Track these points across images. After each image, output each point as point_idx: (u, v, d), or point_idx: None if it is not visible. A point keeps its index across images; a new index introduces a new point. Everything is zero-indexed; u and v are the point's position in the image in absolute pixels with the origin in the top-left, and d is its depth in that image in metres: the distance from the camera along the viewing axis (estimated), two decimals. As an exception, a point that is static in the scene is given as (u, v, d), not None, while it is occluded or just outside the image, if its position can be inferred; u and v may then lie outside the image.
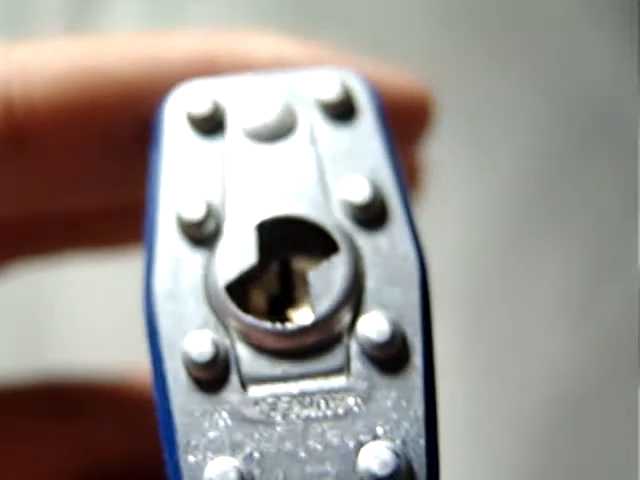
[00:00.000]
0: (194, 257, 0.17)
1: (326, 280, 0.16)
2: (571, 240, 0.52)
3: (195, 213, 0.17)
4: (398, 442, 0.15)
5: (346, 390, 0.16)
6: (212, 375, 0.16)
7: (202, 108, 0.18)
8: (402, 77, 0.20)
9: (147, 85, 0.19)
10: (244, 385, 0.16)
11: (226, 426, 0.16)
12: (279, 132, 0.18)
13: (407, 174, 0.21)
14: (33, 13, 0.50)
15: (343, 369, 0.16)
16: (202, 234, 0.17)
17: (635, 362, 0.47)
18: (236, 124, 0.18)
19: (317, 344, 0.16)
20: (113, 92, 0.19)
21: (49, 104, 0.19)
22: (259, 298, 0.17)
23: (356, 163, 0.17)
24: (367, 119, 0.18)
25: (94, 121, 0.19)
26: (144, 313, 0.17)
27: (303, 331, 0.16)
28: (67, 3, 0.51)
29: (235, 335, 0.16)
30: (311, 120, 0.18)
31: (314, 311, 0.16)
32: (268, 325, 0.16)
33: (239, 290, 0.16)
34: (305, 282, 0.16)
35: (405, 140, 0.20)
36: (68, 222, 0.22)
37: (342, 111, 0.18)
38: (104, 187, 0.20)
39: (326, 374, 0.16)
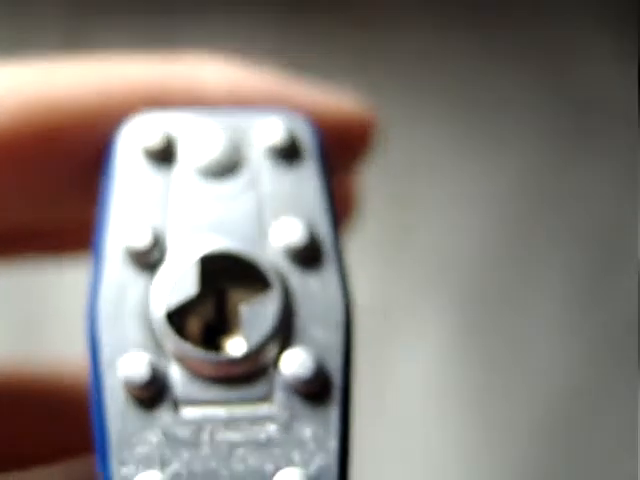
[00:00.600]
0: (138, 282, 0.18)
1: (257, 315, 0.18)
2: (571, 241, 0.53)
3: (141, 241, 0.18)
4: (312, 470, 0.17)
5: (269, 418, 0.17)
6: (147, 394, 0.17)
7: (154, 141, 0.19)
8: (344, 101, 0.22)
9: (98, 114, 0.20)
10: (177, 406, 0.17)
11: (158, 443, 0.17)
12: (224, 171, 0.19)
13: (343, 201, 0.22)
14: (31, 27, 0.50)
15: (267, 398, 0.17)
16: (147, 261, 0.18)
17: (635, 362, 0.48)
18: (185, 159, 0.19)
19: (246, 374, 0.18)
20: (62, 122, 0.20)
21: (1, 131, 0.20)
22: (195, 325, 0.18)
23: (294, 206, 0.19)
24: (309, 164, 0.19)
25: (44, 149, 0.20)
26: (87, 331, 0.18)
27: (234, 361, 0.17)
28: (65, 17, 0.51)
29: (171, 358, 0.18)
30: (255, 162, 0.19)
31: (245, 343, 0.18)
32: (202, 353, 0.17)
33: (177, 316, 0.18)
34: (238, 314, 0.18)
35: (344, 165, 0.22)
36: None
37: (286, 155, 0.19)
38: (54, 209, 0.21)
39: (252, 402, 0.18)
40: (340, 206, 0.19)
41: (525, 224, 0.54)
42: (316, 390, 0.18)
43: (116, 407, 0.17)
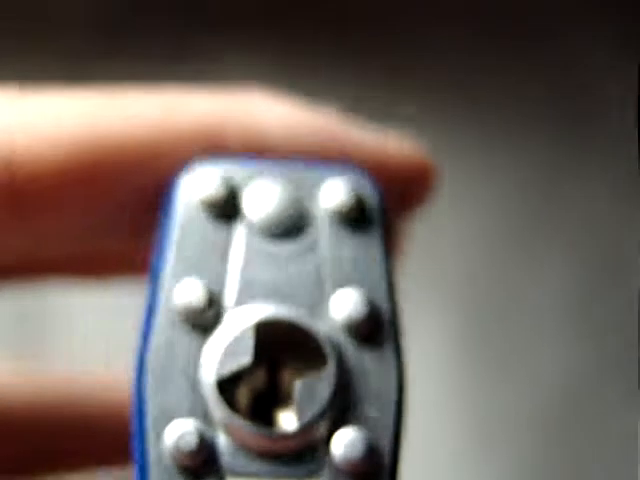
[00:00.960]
0: (189, 344, 0.17)
1: (311, 391, 0.17)
2: (572, 242, 0.53)
3: (196, 300, 0.17)
4: None
5: None
6: (193, 464, 0.17)
7: (216, 194, 0.18)
8: (403, 146, 0.21)
9: (153, 152, 0.19)
10: (222, 476, 0.17)
11: None
12: (286, 230, 0.18)
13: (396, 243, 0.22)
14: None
15: (315, 477, 0.17)
16: (200, 322, 0.18)
17: (635, 363, 0.48)
18: (246, 215, 0.18)
19: (295, 450, 0.17)
20: (118, 160, 0.19)
21: (52, 170, 0.19)
22: (246, 395, 0.18)
23: (357, 276, 0.18)
24: (373, 231, 0.18)
25: (97, 187, 0.19)
26: (134, 389, 0.17)
27: (283, 437, 0.17)
28: (67, 59, 0.50)
29: (219, 427, 0.17)
30: (319, 224, 0.18)
31: (297, 418, 0.17)
32: (252, 426, 0.17)
33: (228, 384, 0.17)
34: (291, 386, 0.17)
35: (402, 210, 0.21)
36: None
37: (351, 221, 0.18)
38: (97, 243, 0.21)
39: (299, 479, 0.17)
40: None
41: (525, 225, 0.53)
42: (365, 472, 0.17)
43: (160, 473, 0.17)
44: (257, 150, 0.20)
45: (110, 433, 0.23)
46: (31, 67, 0.52)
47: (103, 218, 0.20)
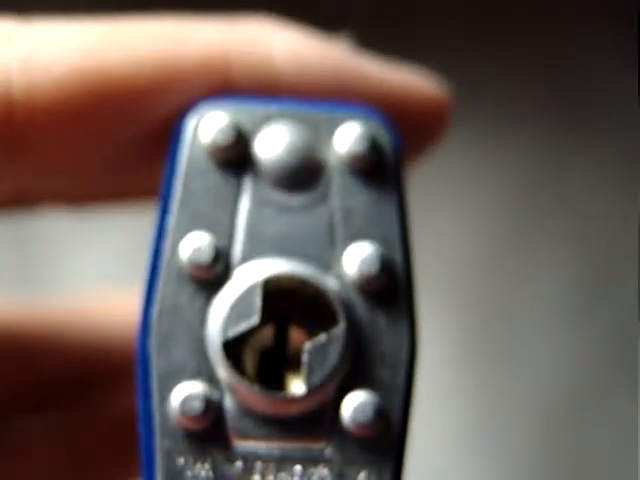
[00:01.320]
0: (195, 301, 0.17)
1: (321, 353, 0.17)
2: (572, 241, 0.52)
3: (202, 255, 0.17)
4: None
5: (322, 461, 0.17)
6: (199, 426, 0.16)
7: (224, 140, 0.17)
8: (419, 78, 0.20)
9: (157, 84, 0.18)
10: (228, 439, 0.17)
11: (207, 477, 0.16)
12: (299, 180, 0.17)
13: None
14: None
15: (323, 440, 0.17)
16: (206, 279, 0.17)
17: (635, 363, 0.48)
18: (256, 163, 0.17)
19: (303, 413, 0.17)
20: (120, 93, 0.18)
21: (51, 104, 0.17)
22: (252, 354, 0.17)
23: (371, 230, 0.17)
24: (389, 181, 0.17)
25: (100, 122, 0.18)
26: (138, 347, 0.17)
27: (291, 400, 0.17)
28: None
29: (225, 389, 0.17)
30: (333, 173, 0.17)
31: (306, 381, 0.17)
32: (259, 390, 0.16)
33: (234, 344, 0.17)
34: (299, 346, 0.17)
35: (415, 150, 0.20)
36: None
37: (366, 169, 0.17)
38: (108, 183, 0.20)
39: (307, 442, 0.17)
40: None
41: (526, 225, 0.53)
42: (374, 436, 0.17)
43: (166, 435, 0.16)
44: (264, 82, 0.18)
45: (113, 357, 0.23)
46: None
47: (105, 154, 0.19)
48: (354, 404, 0.17)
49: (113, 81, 0.18)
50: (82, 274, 0.48)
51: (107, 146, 0.19)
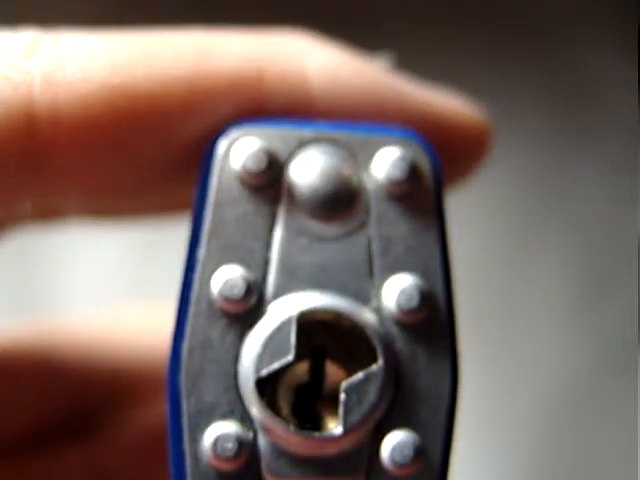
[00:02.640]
0: (227, 336, 0.16)
1: (359, 392, 0.16)
2: (572, 241, 0.51)
3: (234, 289, 0.16)
4: None
5: None
6: (232, 468, 0.16)
7: (256, 167, 0.16)
8: (459, 102, 0.19)
9: (187, 103, 0.17)
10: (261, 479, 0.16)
11: None
12: (335, 208, 0.16)
13: None
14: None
15: None
16: (238, 312, 0.16)
17: (635, 363, 0.47)
18: (290, 191, 0.16)
19: (340, 453, 0.16)
20: (147, 112, 0.17)
21: (75, 121, 0.17)
22: (287, 390, 0.16)
23: (409, 258, 0.16)
24: (429, 207, 0.17)
25: (125, 142, 0.17)
26: (168, 384, 0.16)
27: (329, 440, 0.16)
28: None
29: (259, 428, 0.16)
30: (370, 200, 0.17)
31: (343, 421, 0.16)
32: (294, 430, 0.16)
33: (268, 381, 0.16)
34: (336, 382, 0.16)
35: (456, 172, 0.19)
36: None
37: (405, 194, 0.16)
38: (133, 201, 0.19)
39: None
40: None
41: (525, 225, 0.52)
42: (414, 477, 0.16)
43: (197, 476, 0.16)
44: (298, 101, 0.18)
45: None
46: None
47: (130, 174, 0.18)
48: (393, 443, 0.16)
49: (140, 99, 0.17)
50: (82, 283, 0.47)
51: (132, 166, 0.18)
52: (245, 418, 0.16)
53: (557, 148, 0.53)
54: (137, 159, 0.18)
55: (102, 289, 0.47)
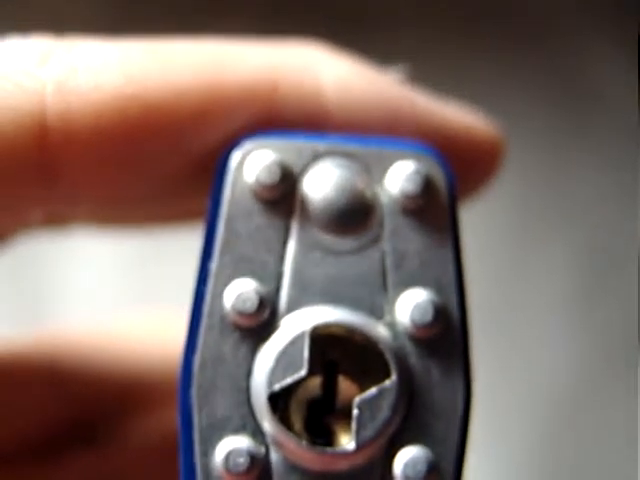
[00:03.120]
0: (239, 350, 0.16)
1: (372, 407, 0.16)
2: (571, 241, 0.51)
3: (247, 303, 0.16)
4: None
5: None
6: None
7: (270, 180, 0.16)
8: (473, 116, 0.19)
9: (201, 112, 0.17)
10: None
11: None
12: (349, 222, 0.16)
13: None
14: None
15: None
16: (251, 326, 0.16)
17: (635, 362, 0.47)
18: (303, 205, 0.16)
19: (353, 469, 0.16)
20: (161, 122, 0.17)
21: (88, 130, 0.17)
22: (299, 405, 0.16)
23: (423, 273, 0.16)
24: (443, 222, 0.17)
25: (138, 152, 0.17)
26: (179, 399, 0.16)
27: (341, 455, 0.16)
28: None
29: (271, 443, 0.16)
30: (385, 213, 0.16)
31: (356, 437, 0.16)
32: (307, 445, 0.16)
33: (281, 396, 0.16)
34: (349, 397, 0.16)
35: (469, 186, 0.19)
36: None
37: (420, 209, 0.16)
38: (145, 210, 0.19)
39: None
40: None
41: (525, 224, 0.52)
42: None
43: None
44: (312, 113, 0.18)
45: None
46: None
47: (143, 184, 0.18)
48: (406, 459, 0.16)
49: (154, 109, 0.17)
50: (83, 288, 0.47)
51: (144, 177, 0.18)
52: (257, 433, 0.16)
53: (557, 147, 0.53)
54: (149, 170, 0.18)
55: (102, 294, 0.47)
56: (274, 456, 0.16)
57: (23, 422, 0.22)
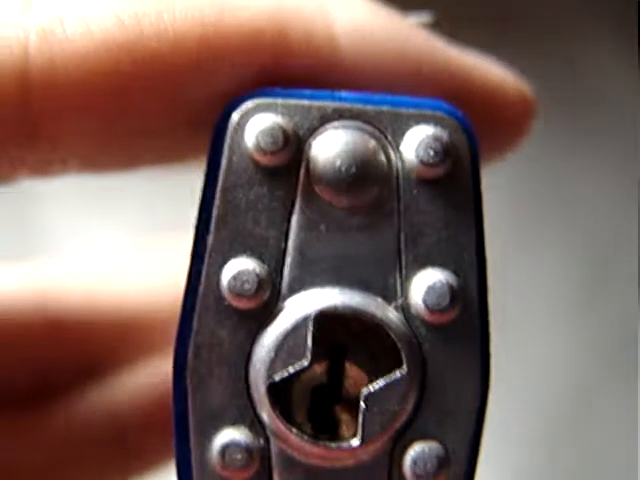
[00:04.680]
0: (237, 335, 0.15)
1: (380, 399, 0.14)
2: (571, 241, 0.51)
3: (245, 283, 0.14)
4: None
5: None
6: (242, 479, 0.15)
7: (272, 144, 0.14)
8: (501, 70, 0.17)
9: (202, 59, 0.15)
10: None
11: None
12: (360, 193, 0.15)
13: None
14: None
15: None
16: (250, 309, 0.15)
17: (634, 362, 0.47)
18: (309, 173, 0.15)
19: (358, 465, 0.15)
20: (155, 72, 0.15)
21: (75, 82, 0.15)
22: (302, 390, 0.15)
23: (441, 251, 0.15)
24: (465, 193, 0.15)
25: (130, 106, 0.15)
26: (174, 386, 0.15)
27: (346, 450, 0.15)
28: None
29: (271, 435, 0.15)
30: (400, 182, 0.15)
31: (361, 431, 0.14)
32: (309, 439, 0.14)
33: (281, 384, 0.15)
34: (356, 386, 0.15)
35: (495, 146, 0.17)
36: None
37: (439, 179, 0.15)
38: (140, 158, 0.17)
39: None
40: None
41: (525, 224, 0.51)
42: None
43: None
44: (323, 60, 0.16)
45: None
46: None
47: (135, 142, 0.16)
48: (415, 456, 0.15)
49: (147, 58, 0.15)
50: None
51: (138, 133, 0.16)
52: (256, 424, 0.15)
53: (557, 147, 0.52)
54: (142, 125, 0.16)
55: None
56: (274, 450, 0.15)
57: (16, 365, 0.21)
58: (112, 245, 0.46)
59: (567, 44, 0.53)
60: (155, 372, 0.21)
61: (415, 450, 0.15)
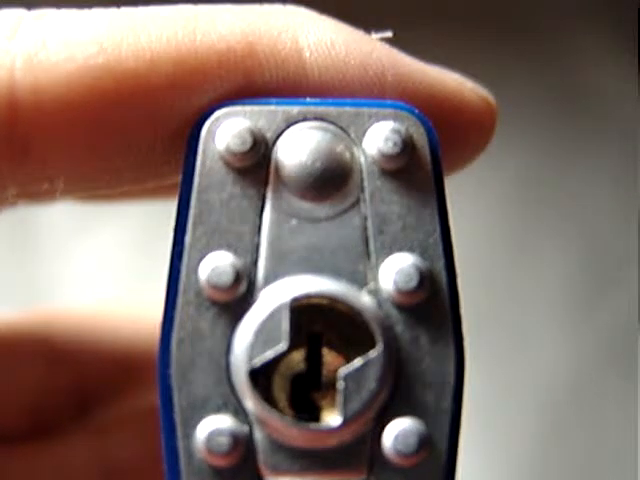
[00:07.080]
0: (217, 326, 0.15)
1: (358, 379, 0.15)
2: (571, 241, 0.51)
3: (222, 276, 0.15)
4: None
5: None
6: (227, 463, 0.15)
7: (241, 146, 0.15)
8: (461, 80, 0.18)
9: (175, 81, 0.16)
10: (260, 475, 0.15)
11: None
12: (327, 187, 0.16)
13: None
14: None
15: (363, 473, 0.15)
16: (228, 301, 0.15)
17: (634, 363, 0.47)
18: (278, 172, 0.16)
19: (341, 445, 0.15)
20: (134, 92, 0.16)
21: (59, 104, 0.16)
22: (282, 380, 0.16)
23: (407, 237, 0.16)
24: (426, 182, 0.16)
25: (112, 124, 0.16)
26: (158, 378, 0.15)
27: (328, 431, 0.15)
28: None
29: (254, 421, 0.15)
30: (364, 176, 0.16)
31: (342, 411, 0.15)
32: (292, 422, 0.15)
33: (262, 371, 0.15)
34: (334, 370, 0.15)
35: (457, 155, 0.18)
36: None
37: (400, 169, 0.16)
38: (122, 184, 0.18)
39: (345, 476, 0.15)
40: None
41: (525, 224, 0.52)
42: (419, 467, 0.15)
43: (192, 472, 0.15)
44: (291, 78, 0.17)
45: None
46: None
47: (117, 157, 0.17)
48: (396, 432, 0.15)
49: (127, 79, 0.16)
50: (79, 272, 0.47)
51: (119, 149, 0.17)
52: (239, 411, 0.15)
53: (557, 147, 0.53)
54: (124, 141, 0.17)
55: (99, 276, 0.47)
56: (258, 435, 0.15)
57: (18, 397, 0.21)
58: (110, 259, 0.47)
59: (567, 44, 0.54)
60: (146, 406, 0.22)
61: (396, 426, 0.15)
